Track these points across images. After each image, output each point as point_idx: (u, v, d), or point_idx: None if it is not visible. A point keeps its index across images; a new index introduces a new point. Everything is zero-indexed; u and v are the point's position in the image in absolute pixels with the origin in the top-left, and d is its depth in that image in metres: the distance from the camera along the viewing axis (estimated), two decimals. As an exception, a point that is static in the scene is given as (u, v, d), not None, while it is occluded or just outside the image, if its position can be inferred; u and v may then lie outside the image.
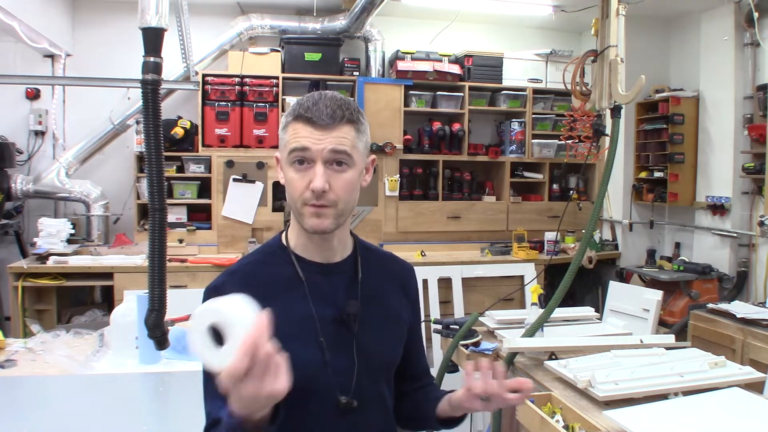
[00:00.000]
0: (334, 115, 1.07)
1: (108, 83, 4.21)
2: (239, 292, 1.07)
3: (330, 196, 1.06)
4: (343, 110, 1.08)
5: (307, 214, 1.08)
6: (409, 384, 1.31)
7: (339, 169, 1.08)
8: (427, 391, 1.30)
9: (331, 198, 1.07)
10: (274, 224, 4.47)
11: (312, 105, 1.07)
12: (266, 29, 4.67)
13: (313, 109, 1.07)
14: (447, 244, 4.83)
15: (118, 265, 3.95)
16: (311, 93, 1.12)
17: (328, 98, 1.09)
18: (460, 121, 4.86)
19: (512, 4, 4.70)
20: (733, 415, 1.63)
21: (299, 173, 1.07)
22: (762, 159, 3.99)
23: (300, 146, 1.06)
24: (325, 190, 1.05)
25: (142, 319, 1.97)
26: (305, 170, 1.07)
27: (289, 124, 1.09)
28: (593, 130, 2.58)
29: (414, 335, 1.31)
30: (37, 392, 1.97)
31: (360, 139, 1.11)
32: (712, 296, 4.03)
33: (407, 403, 1.30)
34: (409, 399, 1.30)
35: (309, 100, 1.09)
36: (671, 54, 4.95)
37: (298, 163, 1.07)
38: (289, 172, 1.08)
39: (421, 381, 1.33)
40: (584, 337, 2.39)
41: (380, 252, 1.31)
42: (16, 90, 4.55)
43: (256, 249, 1.22)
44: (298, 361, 1.07)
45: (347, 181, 1.08)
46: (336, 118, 1.06)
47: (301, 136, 1.06)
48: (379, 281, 1.21)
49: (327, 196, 1.06)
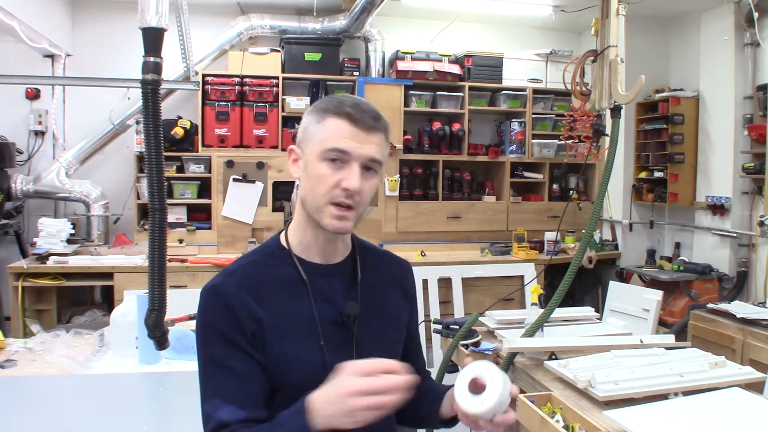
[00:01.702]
0: (377, 119, 1.09)
1: (108, 83, 4.21)
2: (239, 293, 1.08)
3: (357, 198, 1.08)
4: (381, 117, 1.11)
5: (329, 213, 1.08)
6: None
7: (368, 173, 1.09)
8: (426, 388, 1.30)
9: (357, 200, 1.08)
10: (274, 224, 4.47)
11: (355, 105, 1.09)
12: (266, 29, 4.67)
13: (357, 110, 1.08)
14: (447, 244, 4.83)
15: (118, 265, 3.95)
16: (340, 95, 1.13)
17: (365, 103, 1.11)
18: (460, 121, 4.87)
19: (512, 4, 4.70)
20: (733, 415, 1.62)
21: (331, 170, 1.07)
22: (762, 159, 3.99)
23: (342, 148, 1.06)
24: (359, 191, 1.07)
25: (142, 319, 1.97)
26: (338, 168, 1.07)
27: (328, 118, 1.09)
28: (593, 130, 2.58)
29: (411, 332, 1.32)
30: (37, 392, 1.97)
31: (386, 149, 1.14)
32: (712, 296, 4.03)
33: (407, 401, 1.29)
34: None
35: (349, 99, 1.10)
36: (671, 54, 4.95)
37: (331, 161, 1.07)
38: (320, 166, 1.08)
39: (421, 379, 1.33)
40: (584, 337, 2.39)
41: (377, 251, 1.31)
42: (16, 90, 4.55)
43: (253, 250, 1.21)
44: (299, 362, 1.08)
45: (373, 187, 1.11)
46: (379, 124, 1.09)
47: (345, 136, 1.06)
48: (377, 281, 1.21)
49: (355, 197, 1.08)
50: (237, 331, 1.06)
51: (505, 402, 1.03)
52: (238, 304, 1.06)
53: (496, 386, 1.02)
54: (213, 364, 1.07)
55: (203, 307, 1.09)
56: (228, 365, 1.05)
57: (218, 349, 1.06)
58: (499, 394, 1.01)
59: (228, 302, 1.06)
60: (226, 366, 1.05)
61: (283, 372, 1.07)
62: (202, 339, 1.09)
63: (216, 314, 1.07)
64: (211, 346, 1.07)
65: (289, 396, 1.03)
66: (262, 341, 1.07)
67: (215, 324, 1.07)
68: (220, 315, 1.06)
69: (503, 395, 1.02)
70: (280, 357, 1.07)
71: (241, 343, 1.06)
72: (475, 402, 1.03)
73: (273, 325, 1.07)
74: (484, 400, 1.02)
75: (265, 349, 1.07)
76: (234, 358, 1.05)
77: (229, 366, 1.05)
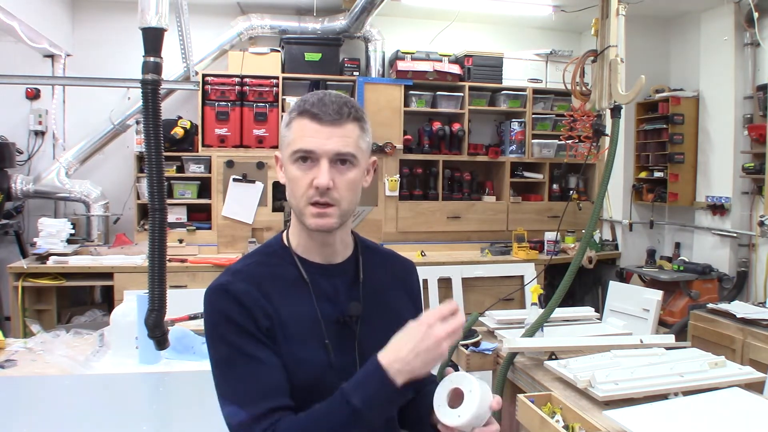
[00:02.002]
0: (341, 111, 1.06)
1: (108, 83, 4.22)
2: (250, 290, 1.07)
3: (333, 195, 1.05)
4: (349, 107, 1.07)
5: (309, 213, 1.06)
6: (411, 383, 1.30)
7: (343, 168, 1.07)
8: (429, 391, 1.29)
9: (334, 196, 1.06)
10: (274, 224, 4.47)
11: (317, 101, 1.07)
12: (266, 29, 4.67)
13: (319, 105, 1.06)
14: (447, 244, 4.83)
15: (118, 265, 3.95)
16: (313, 92, 1.10)
17: (333, 95, 1.08)
18: (460, 121, 4.87)
19: (512, 4, 4.70)
20: (733, 415, 1.63)
21: (302, 170, 1.06)
22: (762, 159, 3.99)
23: (306, 148, 1.05)
24: (329, 187, 1.04)
25: (142, 319, 1.97)
26: (309, 168, 1.06)
27: (293, 120, 1.08)
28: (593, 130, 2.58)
29: None
30: (37, 392, 1.97)
31: (364, 139, 1.10)
32: (712, 296, 4.03)
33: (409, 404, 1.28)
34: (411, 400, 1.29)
35: (313, 96, 1.08)
36: (671, 54, 4.95)
37: (302, 161, 1.06)
38: (292, 169, 1.07)
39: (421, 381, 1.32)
40: (584, 337, 2.39)
41: (381, 250, 1.29)
42: (16, 90, 4.55)
43: (255, 249, 1.20)
44: (306, 362, 1.07)
45: (351, 181, 1.07)
46: (343, 115, 1.06)
47: (307, 135, 1.05)
48: (380, 281, 1.20)
49: (330, 194, 1.05)
50: (252, 323, 1.03)
51: (483, 415, 1.00)
52: (250, 300, 1.04)
53: (474, 399, 0.99)
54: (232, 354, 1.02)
55: (212, 304, 1.06)
56: (249, 353, 1.01)
57: (236, 339, 1.02)
58: (476, 407, 0.98)
59: (239, 298, 1.04)
60: (247, 354, 1.01)
61: (291, 372, 1.04)
62: (217, 334, 1.04)
63: (229, 308, 1.03)
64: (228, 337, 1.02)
65: (294, 396, 1.02)
66: (274, 339, 1.05)
67: (230, 317, 1.03)
68: (233, 309, 1.03)
69: (481, 408, 0.99)
70: (287, 357, 1.05)
71: (257, 334, 1.03)
72: (453, 414, 1.01)
73: (281, 324, 1.06)
74: (461, 413, 1.00)
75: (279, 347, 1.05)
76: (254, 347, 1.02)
77: (251, 354, 1.02)
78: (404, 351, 0.97)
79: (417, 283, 1.32)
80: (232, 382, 1.02)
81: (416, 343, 0.97)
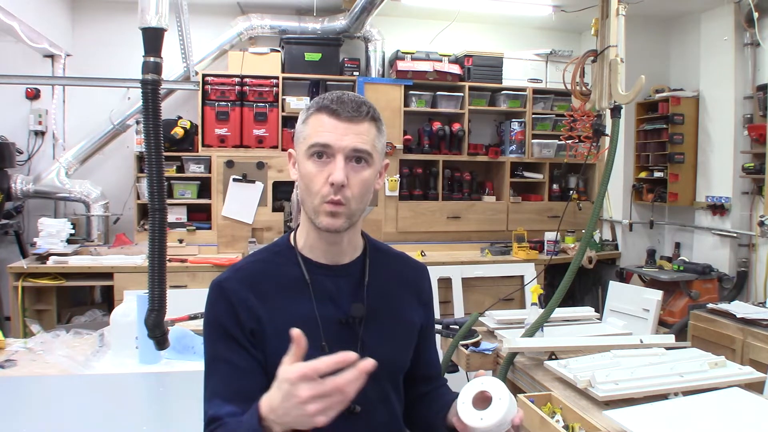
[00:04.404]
0: (359, 109, 1.07)
1: (108, 83, 4.21)
2: (241, 290, 1.08)
3: (346, 193, 1.05)
4: (367, 107, 1.09)
5: (323, 211, 1.06)
6: (421, 387, 1.28)
7: (358, 166, 1.07)
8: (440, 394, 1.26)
9: (346, 195, 1.06)
10: (274, 224, 4.47)
11: (336, 98, 1.08)
12: (266, 29, 4.67)
13: (338, 102, 1.07)
14: (447, 244, 4.83)
15: (118, 265, 3.95)
16: (331, 91, 1.12)
17: (352, 95, 1.10)
18: (460, 121, 4.87)
19: (512, 4, 4.70)
20: (733, 415, 1.63)
21: (318, 167, 1.06)
22: (762, 159, 3.99)
23: (322, 142, 1.05)
24: (344, 184, 1.04)
25: (142, 319, 1.97)
26: (324, 164, 1.06)
27: (310, 116, 1.09)
28: (593, 130, 2.58)
29: (426, 337, 1.28)
30: (37, 392, 1.97)
31: (379, 140, 1.11)
32: (712, 296, 4.03)
33: (419, 407, 1.27)
34: (421, 402, 1.27)
35: (332, 95, 1.09)
36: (671, 54, 4.95)
37: (317, 156, 1.06)
38: (307, 165, 1.07)
39: (432, 384, 1.30)
40: (584, 337, 2.39)
41: (392, 253, 1.28)
42: (16, 90, 4.55)
43: (263, 247, 1.21)
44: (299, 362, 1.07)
45: (364, 180, 1.08)
46: (361, 113, 1.07)
47: (325, 130, 1.06)
48: (388, 284, 1.19)
49: (344, 191, 1.05)
50: (237, 327, 1.07)
51: (505, 426, 0.99)
52: (238, 301, 1.08)
53: (501, 407, 0.99)
54: (214, 358, 1.09)
55: (209, 302, 1.12)
56: (227, 359, 1.07)
57: (220, 344, 1.09)
58: (502, 416, 0.98)
59: (230, 298, 1.09)
60: (226, 360, 1.07)
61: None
62: (207, 335, 1.12)
63: (219, 310, 1.10)
64: (214, 341, 1.10)
65: None
66: (261, 339, 1.08)
67: (218, 320, 1.09)
68: (223, 311, 1.09)
69: (505, 418, 0.98)
70: (279, 355, 1.06)
71: (240, 339, 1.07)
72: (475, 416, 1.00)
73: (273, 323, 1.08)
74: (484, 416, 0.99)
75: (265, 348, 1.07)
76: (234, 353, 1.07)
77: (229, 360, 1.07)
78: (275, 404, 0.89)
79: (429, 287, 1.30)
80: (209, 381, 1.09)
81: (280, 402, 0.88)
